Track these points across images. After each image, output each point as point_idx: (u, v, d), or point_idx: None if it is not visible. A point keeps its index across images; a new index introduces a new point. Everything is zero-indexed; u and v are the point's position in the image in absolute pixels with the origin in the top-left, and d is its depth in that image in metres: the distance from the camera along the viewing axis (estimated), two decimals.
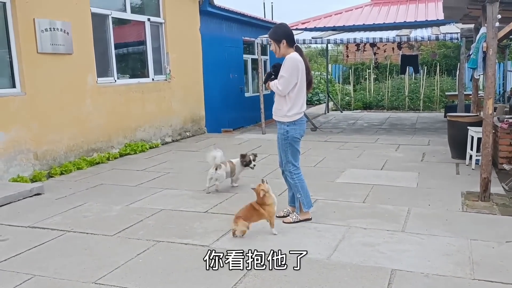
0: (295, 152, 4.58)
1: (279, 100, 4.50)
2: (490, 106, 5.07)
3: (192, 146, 9.40)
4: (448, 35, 9.96)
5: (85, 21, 7.69)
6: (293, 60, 4.39)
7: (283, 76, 4.38)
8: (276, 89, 4.44)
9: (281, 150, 4.61)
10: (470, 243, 3.99)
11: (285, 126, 4.48)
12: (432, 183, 6.05)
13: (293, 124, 4.47)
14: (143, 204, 5.41)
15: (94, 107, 7.90)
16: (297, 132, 4.51)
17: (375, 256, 3.78)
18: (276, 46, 4.46)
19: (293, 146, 4.54)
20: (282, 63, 4.46)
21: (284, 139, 4.52)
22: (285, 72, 4.37)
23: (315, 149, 8.75)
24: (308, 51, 35.83)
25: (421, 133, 11.01)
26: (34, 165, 6.74)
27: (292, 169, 4.58)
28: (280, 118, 4.52)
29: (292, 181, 4.62)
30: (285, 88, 4.38)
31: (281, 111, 4.48)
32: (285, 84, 4.37)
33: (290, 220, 4.63)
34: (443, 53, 21.56)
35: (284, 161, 4.62)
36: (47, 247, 4.17)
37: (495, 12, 4.94)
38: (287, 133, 4.48)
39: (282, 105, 4.47)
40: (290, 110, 4.43)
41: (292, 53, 4.43)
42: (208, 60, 11.36)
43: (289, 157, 4.56)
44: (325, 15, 15.11)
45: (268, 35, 4.65)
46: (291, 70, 4.36)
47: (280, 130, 4.54)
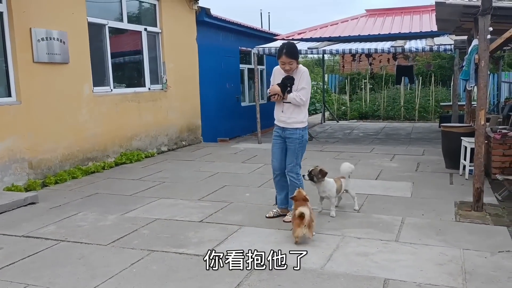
0: (303, 155, 5.05)
1: (294, 109, 4.86)
2: (482, 117, 5.12)
3: (188, 156, 9.42)
4: (442, 46, 10.06)
5: (81, 31, 7.74)
6: (308, 73, 4.91)
7: (305, 88, 4.82)
8: (299, 100, 4.81)
9: (293, 153, 4.93)
10: (463, 253, 4.01)
11: (301, 131, 4.91)
12: (426, 193, 6.09)
13: (306, 129, 4.99)
14: (138, 213, 5.41)
15: (90, 116, 7.91)
16: (307, 136, 5.07)
17: (369, 265, 3.79)
18: (295, 63, 4.83)
19: (304, 149, 5.02)
20: (297, 76, 4.83)
21: (300, 143, 4.92)
22: (305, 84, 4.83)
23: (311, 159, 8.76)
24: (304, 61, 36.03)
25: (416, 143, 11.08)
26: (28, 174, 6.74)
27: (299, 171, 4.97)
28: (296, 125, 4.89)
29: (298, 182, 4.92)
30: (308, 99, 4.89)
31: (297, 118, 4.88)
32: (307, 95, 4.86)
33: (290, 219, 4.74)
34: (438, 63, 21.75)
35: (292, 163, 4.94)
36: (41, 256, 4.16)
37: (487, 24, 5.01)
38: (302, 137, 4.93)
39: (298, 113, 4.88)
40: (304, 117, 4.93)
41: (303, 67, 4.91)
42: (205, 69, 11.42)
43: (299, 160, 4.97)
44: (321, 26, 15.20)
45: (288, 55, 4.75)
46: (309, 83, 4.89)
47: (295, 135, 4.90)
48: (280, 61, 4.80)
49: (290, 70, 4.81)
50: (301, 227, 4.19)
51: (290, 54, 4.75)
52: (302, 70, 4.86)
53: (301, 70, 4.86)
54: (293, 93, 4.80)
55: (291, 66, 4.78)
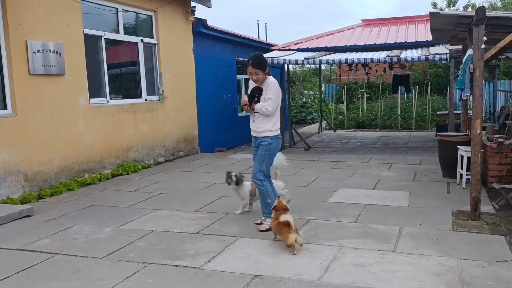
0: (270, 163, 5.13)
1: (262, 119, 5.02)
2: (478, 126, 5.13)
3: (185, 166, 9.39)
4: (437, 56, 10.11)
5: (77, 42, 7.75)
6: (276, 84, 5.01)
7: (271, 98, 4.93)
8: (265, 110, 4.95)
9: (258, 160, 5.07)
10: (460, 262, 3.99)
11: (270, 139, 5.03)
12: (423, 202, 6.07)
13: (276, 137, 5.06)
14: (134, 225, 5.37)
15: (86, 128, 7.90)
16: (278, 145, 5.12)
17: (366, 276, 3.76)
18: (262, 74, 4.95)
19: (271, 157, 5.10)
20: (265, 86, 4.97)
21: (266, 150, 5.03)
22: (272, 94, 4.94)
23: (308, 168, 8.77)
24: (301, 70, 36.21)
25: (413, 152, 11.08)
26: (24, 187, 6.70)
27: (261, 177, 5.05)
28: (265, 134, 5.03)
29: (262, 188, 5.06)
30: (274, 109, 4.96)
31: (265, 127, 5.02)
32: (274, 105, 4.96)
33: (266, 227, 4.95)
34: (434, 72, 21.86)
35: (255, 170, 5.08)
36: (35, 270, 4.12)
37: (481, 34, 5.04)
38: (270, 145, 5.03)
39: (267, 122, 5.02)
40: (273, 126, 5.03)
41: (271, 78, 5.02)
42: (202, 80, 11.44)
43: (263, 167, 5.04)
44: (317, 36, 15.30)
45: (254, 66, 4.92)
46: (276, 93, 4.96)
47: (264, 143, 5.04)
48: (248, 71, 4.99)
49: (258, 80, 4.98)
50: (291, 233, 4.27)
51: (255, 64, 4.91)
52: (270, 81, 4.99)
53: (269, 81, 4.99)
54: (260, 103, 4.96)
55: (258, 76, 4.94)
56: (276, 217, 4.50)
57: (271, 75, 5.05)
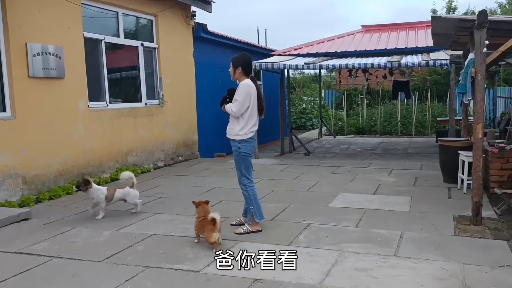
0: (248, 166, 5.11)
1: (233, 120, 5.07)
2: (479, 131, 5.10)
3: (184, 171, 9.35)
4: (438, 61, 10.10)
5: (77, 46, 7.74)
6: (246, 86, 4.98)
7: (237, 99, 4.95)
8: (230, 111, 5.01)
9: (236, 165, 5.11)
10: (462, 267, 3.95)
11: (237, 143, 5.03)
12: (425, 207, 6.03)
13: (244, 141, 5.02)
14: (133, 229, 5.33)
15: (86, 132, 7.86)
16: (248, 149, 5.06)
17: (368, 281, 3.72)
18: (233, 69, 5.08)
19: (245, 161, 5.07)
20: (236, 88, 5.02)
21: (237, 155, 5.05)
22: (239, 96, 4.95)
23: (308, 173, 8.73)
24: (301, 76, 36.25)
25: (414, 157, 11.05)
26: (22, 190, 6.66)
27: (246, 182, 5.08)
28: (233, 137, 5.06)
29: (246, 193, 5.09)
30: (239, 110, 4.94)
31: (234, 130, 5.03)
32: (239, 107, 4.94)
33: (241, 231, 5.00)
34: (434, 79, 21.87)
35: (238, 175, 5.13)
36: (33, 273, 4.07)
37: (483, 38, 5.02)
38: (239, 149, 5.03)
39: (235, 125, 5.03)
40: (241, 130, 5.00)
41: (245, 80, 5.02)
42: (202, 84, 11.41)
43: (242, 171, 5.08)
44: (317, 41, 15.33)
45: (231, 61, 5.11)
46: (244, 95, 4.94)
47: (234, 147, 5.07)
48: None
49: (231, 75, 5.14)
50: (215, 232, 4.34)
51: (232, 58, 5.11)
52: (242, 83, 5.04)
53: (242, 83, 5.04)
54: (228, 104, 5.04)
55: (229, 71, 5.12)
56: (199, 215, 4.66)
57: (248, 78, 5.05)
